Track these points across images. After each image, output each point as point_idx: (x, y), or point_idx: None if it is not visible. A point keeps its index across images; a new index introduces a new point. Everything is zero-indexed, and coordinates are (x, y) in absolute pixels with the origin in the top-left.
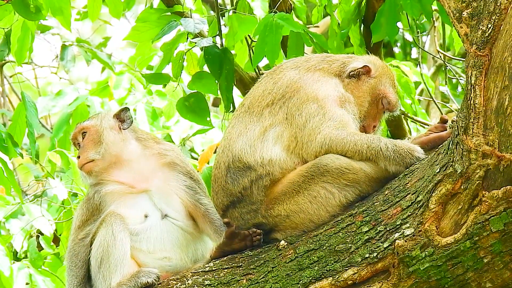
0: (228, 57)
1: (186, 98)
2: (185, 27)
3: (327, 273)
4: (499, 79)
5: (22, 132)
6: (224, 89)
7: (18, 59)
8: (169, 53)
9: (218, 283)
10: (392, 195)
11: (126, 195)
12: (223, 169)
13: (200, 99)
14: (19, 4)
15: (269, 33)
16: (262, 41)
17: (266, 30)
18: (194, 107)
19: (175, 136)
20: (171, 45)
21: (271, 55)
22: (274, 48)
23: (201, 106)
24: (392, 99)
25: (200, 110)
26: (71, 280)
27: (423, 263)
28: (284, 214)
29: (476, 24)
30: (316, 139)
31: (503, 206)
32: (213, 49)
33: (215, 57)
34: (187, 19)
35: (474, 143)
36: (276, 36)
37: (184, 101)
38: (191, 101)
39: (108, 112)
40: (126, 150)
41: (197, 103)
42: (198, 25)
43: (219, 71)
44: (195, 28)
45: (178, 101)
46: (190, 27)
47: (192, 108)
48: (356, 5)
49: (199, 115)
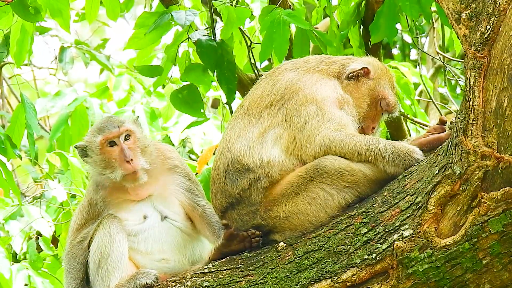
0: (225, 49)
1: (180, 90)
2: (176, 20)
3: (326, 274)
4: (498, 80)
5: (21, 134)
6: (225, 80)
7: (17, 61)
8: (172, 54)
9: (217, 284)
10: (391, 196)
11: (128, 202)
12: (222, 170)
13: (194, 91)
14: (18, 6)
15: (277, 29)
16: (269, 37)
17: (273, 26)
18: (188, 99)
19: (174, 137)
20: (172, 46)
21: (279, 51)
22: (282, 45)
23: (194, 98)
24: (391, 101)
25: (194, 102)
26: (70, 283)
27: (422, 264)
28: (283, 216)
29: (475, 26)
30: (315, 140)
31: (502, 207)
32: (206, 42)
33: (209, 49)
34: (178, 11)
35: (473, 145)
36: (284, 33)
37: (178, 93)
38: (184, 93)
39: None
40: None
41: (190, 95)
42: (189, 17)
43: (214, 63)
44: (186, 20)
45: (172, 93)
46: (181, 19)
47: (185, 100)
48: (355, 7)
49: (192, 107)
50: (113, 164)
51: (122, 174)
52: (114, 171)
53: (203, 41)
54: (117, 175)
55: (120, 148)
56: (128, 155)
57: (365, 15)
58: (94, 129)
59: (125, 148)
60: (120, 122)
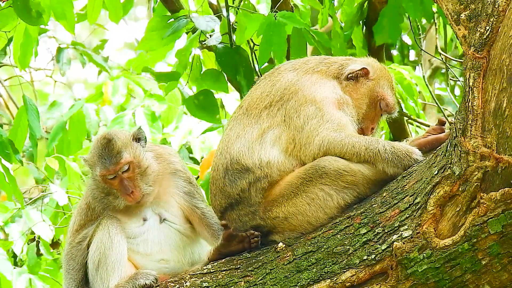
0: (242, 55)
1: (196, 96)
2: (196, 25)
3: (325, 275)
4: (497, 81)
5: (23, 136)
6: (245, 86)
7: (22, 65)
8: (184, 59)
9: (216, 285)
10: (390, 197)
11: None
12: (221, 171)
13: (209, 96)
14: (21, 9)
15: (274, 32)
16: (267, 41)
17: (270, 30)
18: (204, 104)
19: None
20: (185, 51)
21: (278, 53)
22: (280, 46)
23: (210, 104)
24: (390, 101)
25: (210, 107)
26: (69, 283)
27: (421, 265)
28: (282, 216)
29: (474, 26)
30: (314, 141)
31: (501, 208)
32: (224, 50)
33: (228, 57)
34: (198, 16)
35: (472, 145)
36: (281, 34)
37: (194, 99)
38: (200, 99)
39: (129, 137)
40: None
41: (206, 101)
42: (210, 23)
43: (235, 71)
44: (207, 26)
45: (187, 98)
46: (202, 25)
47: (201, 106)
48: (358, 7)
49: (208, 113)
50: (115, 193)
51: (124, 203)
52: (117, 199)
53: (221, 49)
54: (120, 204)
55: (119, 180)
56: (128, 188)
57: (368, 16)
58: (94, 154)
59: (125, 181)
60: (118, 155)
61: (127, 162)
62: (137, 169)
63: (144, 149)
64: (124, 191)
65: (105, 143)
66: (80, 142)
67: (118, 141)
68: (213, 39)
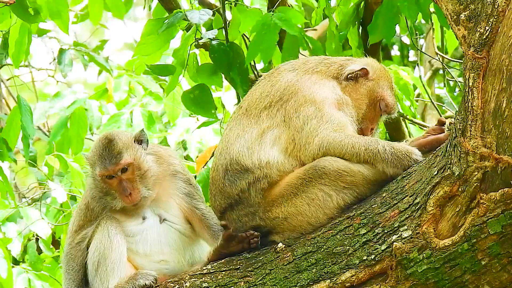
0: (236, 51)
1: (191, 90)
2: (190, 19)
3: (325, 275)
4: (497, 81)
5: (16, 135)
6: (239, 83)
7: (15, 62)
8: (181, 57)
9: (216, 285)
10: (390, 197)
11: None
12: (221, 171)
13: (205, 91)
14: (17, 7)
15: (267, 32)
16: (258, 39)
17: (263, 29)
18: (199, 99)
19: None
20: (182, 49)
21: (265, 53)
22: (269, 47)
23: (206, 99)
24: (390, 102)
25: (205, 102)
26: (69, 284)
27: (421, 265)
28: (282, 217)
29: (474, 27)
30: (313, 141)
31: (501, 208)
32: (218, 46)
33: (221, 53)
34: (192, 10)
35: (472, 146)
36: (272, 35)
37: (189, 93)
38: (196, 93)
39: (131, 138)
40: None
41: (201, 95)
42: (203, 16)
43: (228, 67)
44: (200, 19)
45: (183, 93)
46: (195, 18)
47: (197, 100)
48: (354, 7)
49: (203, 108)
50: (113, 194)
51: (122, 205)
52: (115, 200)
53: (215, 45)
54: (117, 205)
55: (118, 180)
56: (127, 189)
57: (364, 16)
58: (95, 153)
59: (124, 182)
60: (118, 156)
61: (127, 163)
62: (137, 171)
63: (146, 152)
64: (123, 192)
65: (106, 143)
66: (82, 138)
67: (119, 141)
68: (209, 33)
